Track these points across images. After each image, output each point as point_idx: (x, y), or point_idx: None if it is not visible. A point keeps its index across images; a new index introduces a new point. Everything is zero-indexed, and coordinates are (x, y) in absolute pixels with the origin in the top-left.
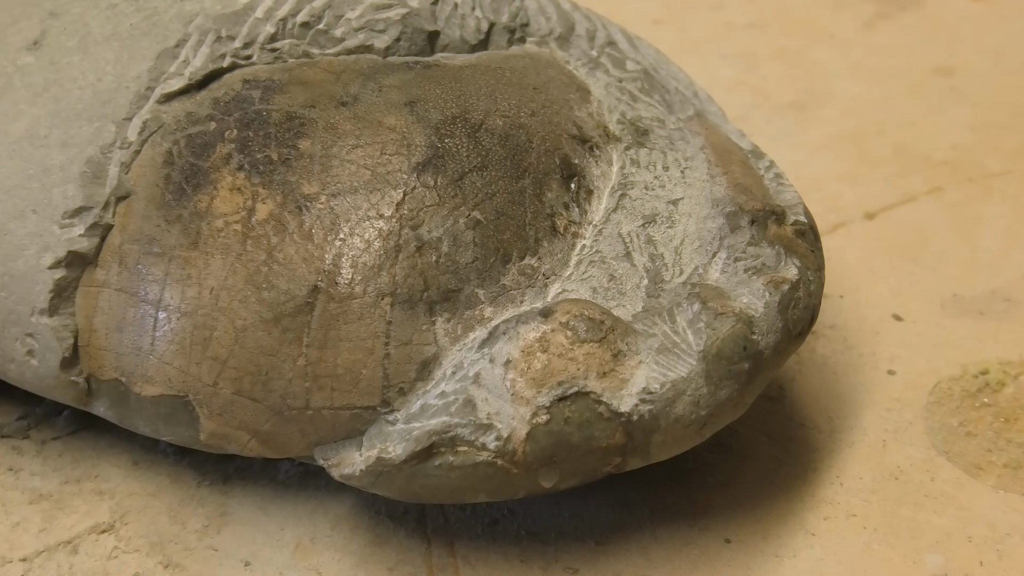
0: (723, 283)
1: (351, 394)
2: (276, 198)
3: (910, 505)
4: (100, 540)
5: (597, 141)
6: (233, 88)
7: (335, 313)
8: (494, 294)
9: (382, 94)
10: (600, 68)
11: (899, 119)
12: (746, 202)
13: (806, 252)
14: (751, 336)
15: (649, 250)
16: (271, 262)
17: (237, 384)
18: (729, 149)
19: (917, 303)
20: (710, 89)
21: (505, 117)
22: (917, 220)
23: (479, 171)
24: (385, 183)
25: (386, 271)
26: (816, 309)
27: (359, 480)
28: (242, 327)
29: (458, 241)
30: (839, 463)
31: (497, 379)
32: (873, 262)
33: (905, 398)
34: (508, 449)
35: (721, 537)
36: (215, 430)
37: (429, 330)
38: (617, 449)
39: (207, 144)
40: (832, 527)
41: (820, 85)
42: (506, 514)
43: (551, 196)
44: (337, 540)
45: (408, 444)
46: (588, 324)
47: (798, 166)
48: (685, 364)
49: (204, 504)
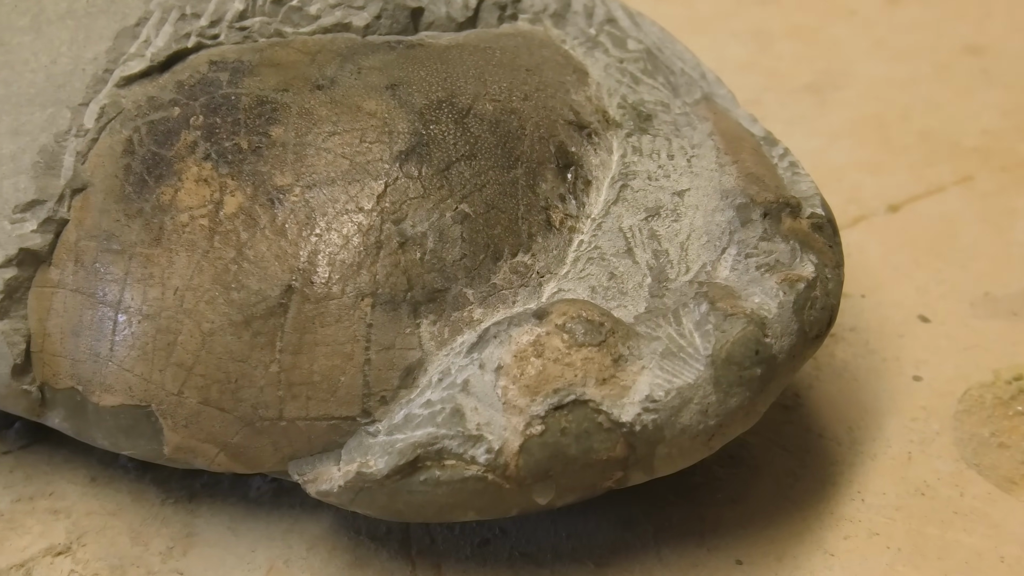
0: (733, 281)
1: (328, 403)
2: (246, 190)
3: (937, 523)
4: (55, 563)
5: (596, 127)
6: (199, 70)
7: (311, 315)
8: (484, 294)
9: (361, 76)
10: (599, 48)
11: (925, 102)
12: (758, 193)
13: (824, 248)
14: (764, 339)
15: (652, 246)
16: (241, 260)
17: (204, 393)
18: (740, 136)
19: (945, 303)
20: (719, 70)
21: (495, 101)
22: (945, 212)
23: (467, 160)
24: (365, 173)
25: (366, 269)
26: (835, 310)
27: (337, 497)
28: (209, 331)
29: (444, 236)
30: (860, 477)
31: (487, 386)
32: (897, 258)
33: (932, 406)
34: (500, 463)
35: (732, 558)
36: (180, 443)
37: (413, 333)
38: (618, 462)
39: (170, 131)
40: (853, 547)
41: (839, 65)
42: (498, 534)
43: (546, 187)
44: (313, 563)
45: (391, 458)
46: (586, 326)
47: (815, 154)
48: (692, 370)
49: (168, 524)
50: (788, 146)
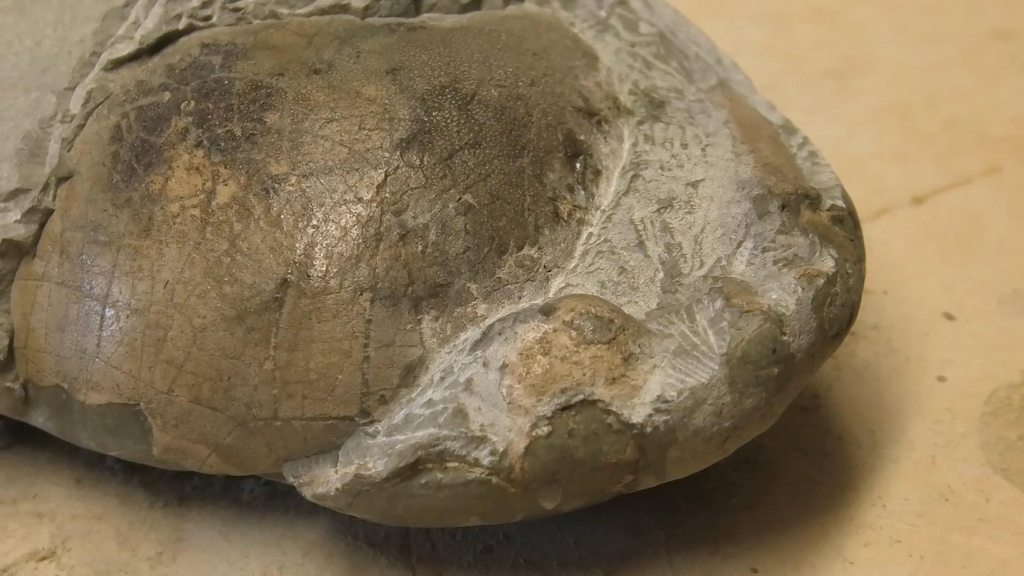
0: (749, 277)
1: (325, 402)
2: (239, 179)
3: (962, 530)
4: (39, 568)
5: (606, 114)
6: (190, 53)
7: (307, 310)
8: (488, 289)
9: (360, 60)
10: (609, 31)
11: (952, 89)
12: (776, 184)
13: (844, 241)
14: (781, 337)
15: (665, 239)
16: (234, 252)
17: (195, 391)
18: (757, 124)
19: (971, 300)
20: (736, 55)
21: (501, 87)
22: (972, 205)
23: (471, 149)
24: (364, 162)
25: (365, 262)
26: (856, 306)
27: (334, 500)
28: (201, 326)
29: (447, 228)
30: (882, 482)
31: (492, 386)
32: (921, 253)
33: (957, 408)
34: (504, 465)
35: (747, 566)
36: (170, 443)
37: (414, 330)
38: (628, 466)
39: (160, 117)
40: (873, 555)
41: (862, 50)
42: (502, 540)
43: (553, 177)
44: (309, 569)
45: (390, 460)
46: (595, 323)
47: (836, 143)
48: (706, 369)
49: (157, 528)
50: (808, 135)
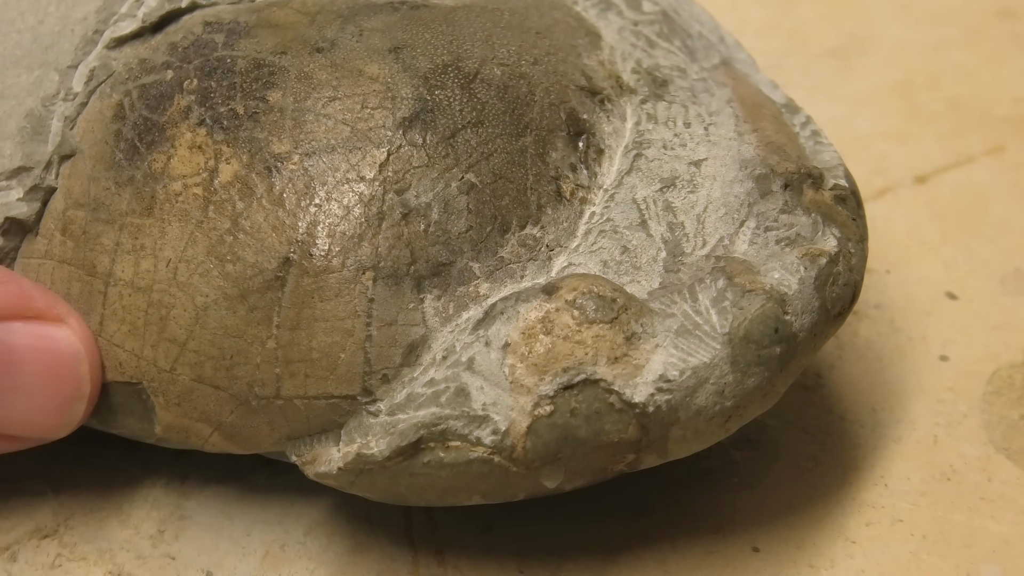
0: (752, 256)
1: (327, 381)
2: (242, 158)
3: (964, 509)
4: (41, 546)
5: (609, 93)
6: (193, 31)
7: (309, 289)
8: (491, 268)
9: (363, 39)
10: (612, 9)
11: (955, 69)
12: (779, 163)
13: (847, 221)
14: (783, 316)
15: (668, 218)
16: (236, 231)
17: (198, 370)
18: (760, 103)
19: (974, 279)
20: (739, 33)
21: (503, 66)
22: (975, 184)
23: (474, 127)
24: (366, 141)
25: (367, 241)
26: (858, 286)
27: (336, 479)
28: (203, 305)
29: (450, 207)
30: (883, 462)
31: (494, 365)
32: (924, 232)
33: (959, 387)
34: (506, 444)
35: (749, 545)
36: (172, 422)
37: (416, 309)
38: (630, 445)
39: (163, 96)
40: (875, 534)
41: (865, 29)
42: (503, 518)
43: (556, 156)
44: (311, 548)
45: (392, 439)
46: (597, 302)
47: (839, 122)
48: (708, 348)
49: (159, 506)
50: (810, 114)
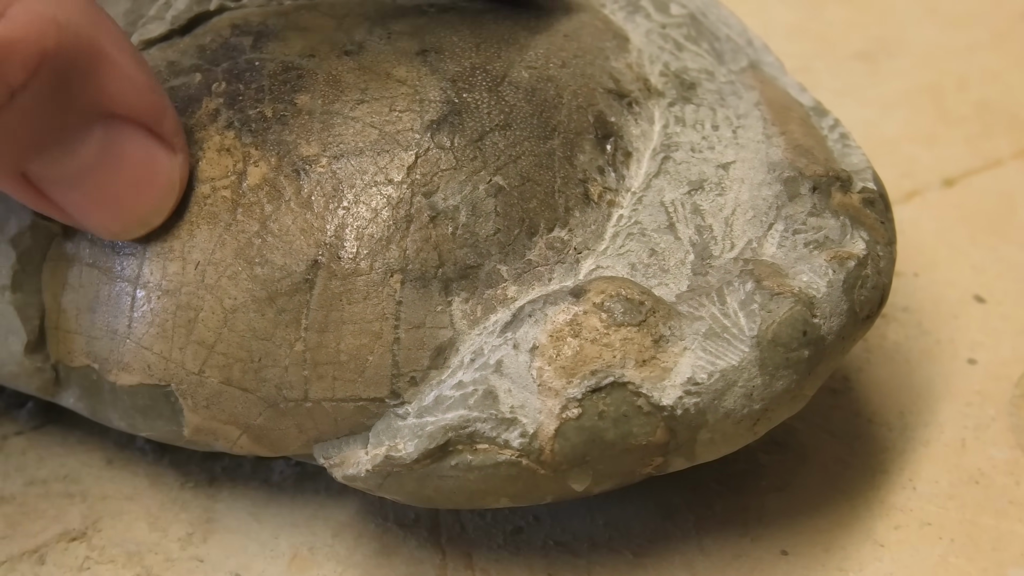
0: (780, 259)
1: (356, 384)
2: (270, 160)
3: (992, 513)
4: (70, 549)
5: (636, 96)
6: (221, 34)
7: (338, 292)
8: (518, 271)
9: (391, 42)
10: (640, 12)
11: (983, 71)
12: (807, 166)
13: (875, 224)
14: (812, 319)
15: (696, 221)
16: (265, 233)
17: (226, 372)
18: (788, 106)
19: (1002, 282)
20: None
21: (531, 68)
22: (1003, 187)
23: (501, 130)
24: (394, 143)
25: (396, 244)
26: (886, 289)
27: (364, 482)
28: (232, 307)
29: (477, 210)
30: (912, 465)
31: (522, 367)
32: (952, 235)
33: (988, 391)
34: (534, 447)
35: (777, 548)
36: (200, 424)
37: (444, 311)
38: (658, 448)
39: (191, 98)
40: (904, 537)
41: (893, 32)
42: (531, 521)
43: (584, 159)
44: (339, 550)
45: (420, 441)
46: (625, 305)
47: (867, 125)
48: (736, 351)
49: (188, 509)
50: (838, 117)
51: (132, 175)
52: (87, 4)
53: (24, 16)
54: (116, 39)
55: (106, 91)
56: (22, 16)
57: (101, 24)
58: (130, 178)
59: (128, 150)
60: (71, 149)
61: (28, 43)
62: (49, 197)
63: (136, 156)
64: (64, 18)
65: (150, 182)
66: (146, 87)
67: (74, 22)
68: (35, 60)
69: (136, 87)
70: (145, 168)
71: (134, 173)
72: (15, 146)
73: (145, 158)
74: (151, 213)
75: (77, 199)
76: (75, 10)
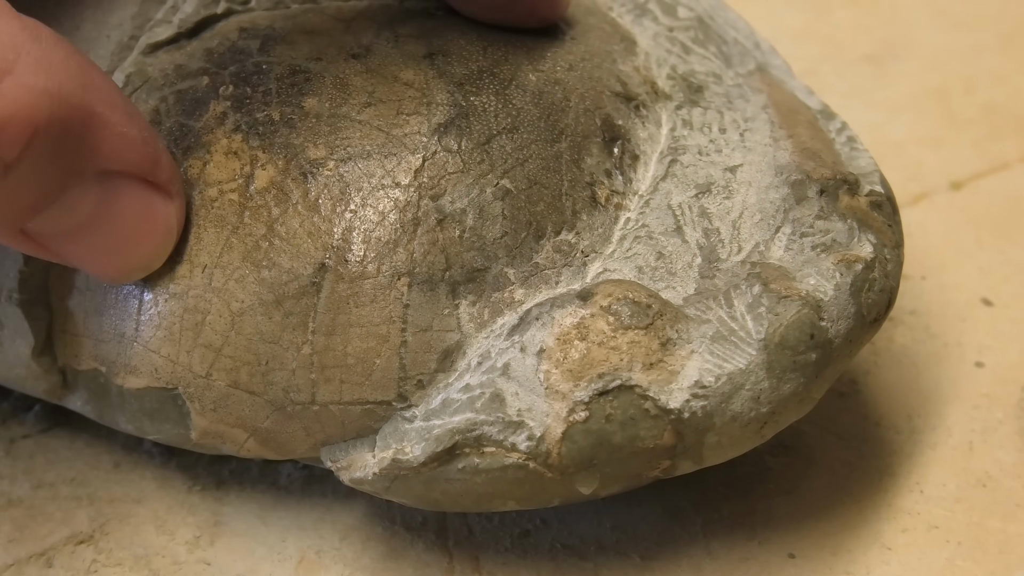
0: (787, 262)
1: (363, 387)
2: (278, 163)
3: (1000, 516)
4: (77, 552)
5: (644, 99)
6: (229, 38)
7: (345, 295)
8: (525, 274)
9: (398, 45)
10: (647, 15)
11: (990, 74)
12: (814, 169)
13: (883, 227)
14: (819, 323)
15: (703, 224)
16: (272, 237)
17: (233, 375)
18: (795, 109)
19: (1010, 285)
20: (774, 39)
21: (538, 72)
22: (1010, 190)
23: (509, 133)
24: (402, 147)
25: (403, 247)
26: (894, 292)
27: (372, 485)
28: (239, 310)
29: (485, 213)
30: (919, 468)
31: (529, 371)
32: (960, 238)
33: (995, 394)
34: (541, 450)
35: (784, 552)
36: (208, 427)
37: (451, 315)
38: (665, 451)
39: (199, 101)
40: (911, 540)
41: (900, 35)
42: (539, 525)
43: (591, 162)
44: (346, 554)
45: (428, 444)
46: (633, 308)
47: (874, 128)
48: (744, 354)
49: (195, 512)
50: (846, 120)
51: (130, 225)
52: (79, 68)
53: (16, 91)
54: (107, 97)
55: (100, 150)
56: (13, 91)
57: (93, 86)
58: (128, 228)
59: (125, 203)
60: (68, 207)
61: (20, 119)
62: (50, 249)
63: (133, 207)
64: (56, 88)
65: (148, 230)
66: (139, 140)
67: (66, 90)
68: (28, 134)
69: (129, 142)
70: (142, 217)
71: (132, 223)
72: (13, 209)
73: (142, 208)
74: (150, 258)
75: (77, 251)
76: (67, 77)
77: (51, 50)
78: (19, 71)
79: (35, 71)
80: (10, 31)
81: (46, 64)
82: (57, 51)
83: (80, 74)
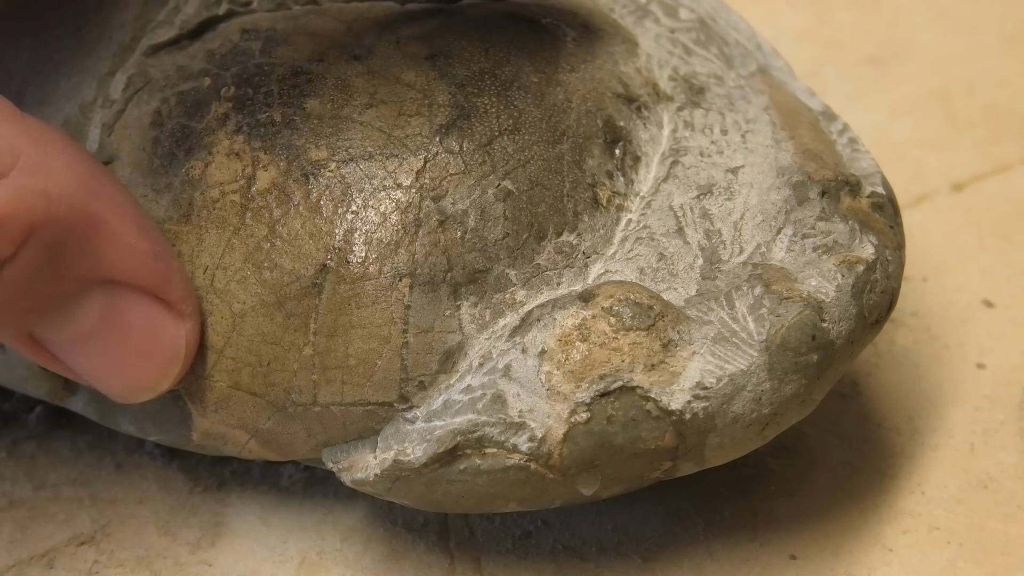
0: (789, 263)
1: (364, 388)
2: (279, 165)
3: (1001, 517)
4: (79, 553)
5: (645, 100)
6: (230, 39)
7: (346, 296)
8: (527, 275)
9: (400, 46)
10: (649, 16)
11: (992, 76)
12: (816, 171)
13: (884, 228)
14: (821, 324)
15: (704, 225)
16: (273, 238)
17: (235, 376)
18: (797, 110)
19: (1011, 287)
20: (775, 41)
21: (540, 73)
22: (1012, 192)
23: (510, 135)
24: (403, 148)
25: (404, 248)
26: (895, 293)
27: (373, 486)
28: (240, 312)
29: (486, 214)
30: (920, 469)
31: (530, 372)
32: (961, 240)
33: (996, 395)
34: (543, 451)
35: (786, 553)
36: (209, 429)
37: (453, 316)
38: (667, 452)
39: (201, 103)
40: (912, 541)
41: (902, 36)
42: (540, 526)
43: (592, 163)
44: (348, 555)
45: (429, 445)
46: (634, 310)
47: (876, 130)
48: (745, 356)
49: (197, 513)
50: (848, 121)
51: (135, 342)
52: (86, 173)
53: (11, 191)
54: (117, 206)
55: (104, 259)
56: (9, 191)
57: (99, 192)
58: (134, 345)
59: (130, 317)
60: (71, 314)
61: (14, 217)
62: (59, 360)
63: (139, 323)
64: (56, 190)
65: (154, 349)
66: (149, 253)
67: (67, 193)
68: (22, 233)
69: (138, 254)
70: (149, 335)
71: (138, 340)
72: (16, 310)
73: (149, 325)
74: (156, 380)
75: (82, 362)
76: (69, 181)
77: (55, 154)
78: (15, 174)
79: (32, 173)
80: (9, 135)
81: (47, 168)
82: (63, 155)
83: (87, 179)
